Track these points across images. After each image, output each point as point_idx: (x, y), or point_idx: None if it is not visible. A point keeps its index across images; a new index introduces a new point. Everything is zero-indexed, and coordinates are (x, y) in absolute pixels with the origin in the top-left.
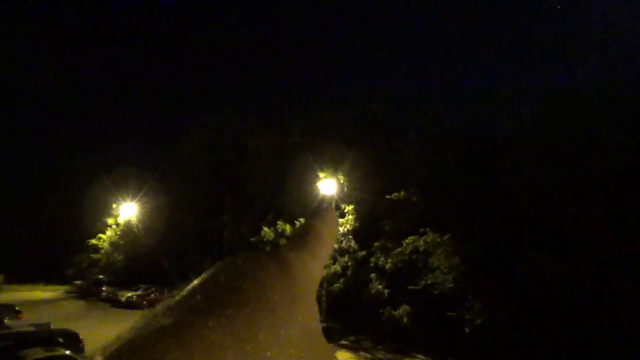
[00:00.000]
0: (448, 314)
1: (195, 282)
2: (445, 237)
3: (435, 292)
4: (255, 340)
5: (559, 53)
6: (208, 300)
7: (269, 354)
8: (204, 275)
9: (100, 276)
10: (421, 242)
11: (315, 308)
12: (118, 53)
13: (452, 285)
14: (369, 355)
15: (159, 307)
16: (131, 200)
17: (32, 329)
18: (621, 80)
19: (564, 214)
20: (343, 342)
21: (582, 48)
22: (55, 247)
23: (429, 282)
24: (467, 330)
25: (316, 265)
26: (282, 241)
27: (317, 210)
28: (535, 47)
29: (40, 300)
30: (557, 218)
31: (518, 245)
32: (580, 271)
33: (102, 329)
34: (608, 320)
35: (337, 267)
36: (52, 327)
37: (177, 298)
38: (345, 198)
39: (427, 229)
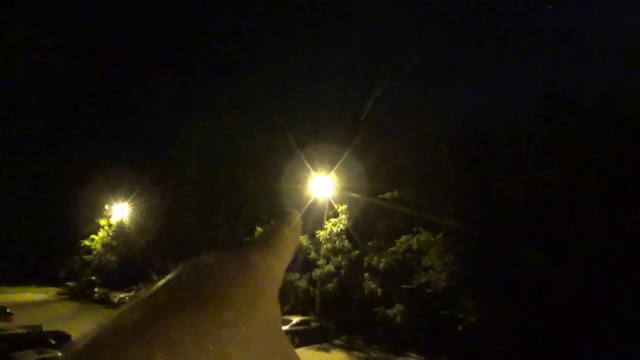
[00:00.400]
0: (441, 312)
1: (160, 282)
2: (438, 237)
3: (428, 291)
4: (216, 338)
5: (557, 53)
6: (170, 299)
7: (229, 350)
8: (168, 276)
9: (93, 277)
10: (414, 242)
11: (277, 307)
12: (110, 53)
13: (445, 284)
14: (362, 355)
15: (123, 307)
16: (124, 201)
17: (24, 331)
18: (618, 81)
19: (559, 215)
20: (337, 342)
21: (580, 48)
22: (47, 248)
23: (422, 281)
24: (460, 328)
25: (279, 266)
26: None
27: (282, 214)
28: (534, 47)
29: (31, 302)
30: (553, 219)
31: (512, 246)
32: (575, 272)
33: None
34: (602, 321)
35: (330, 267)
36: (44, 329)
37: (141, 298)
38: (338, 198)
39: (421, 228)
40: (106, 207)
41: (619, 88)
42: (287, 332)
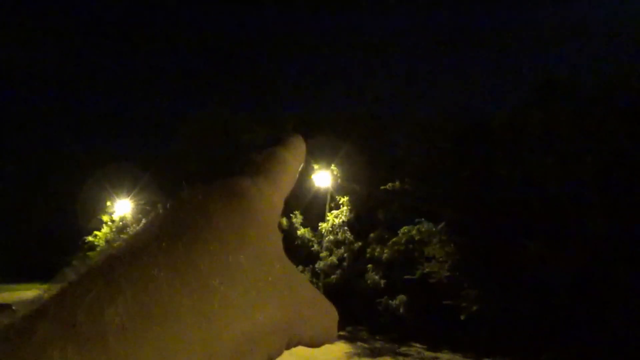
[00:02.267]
0: (444, 302)
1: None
2: (440, 226)
3: (431, 281)
4: (195, 270)
5: (554, 40)
6: (145, 237)
7: (214, 282)
8: (149, 216)
9: None
10: (415, 232)
11: (277, 236)
12: (110, 49)
13: (448, 274)
14: (366, 346)
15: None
16: (126, 197)
17: None
18: (614, 65)
19: (558, 202)
20: (340, 333)
21: (578, 34)
22: (50, 245)
23: (425, 271)
24: (462, 318)
25: (275, 193)
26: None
27: (282, 137)
28: (531, 34)
29: None
30: (552, 206)
31: (513, 233)
32: (575, 259)
33: None
34: (604, 308)
35: (333, 259)
36: None
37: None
38: (339, 190)
39: (422, 218)
40: (108, 203)
41: (619, 73)
42: None
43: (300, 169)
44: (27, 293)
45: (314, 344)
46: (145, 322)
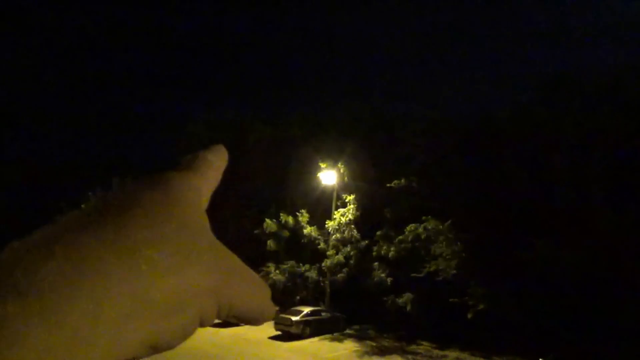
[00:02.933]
0: (451, 300)
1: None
2: (446, 224)
3: (438, 279)
4: (122, 237)
5: (560, 38)
6: (76, 215)
7: (140, 247)
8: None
9: None
10: (421, 230)
11: (202, 214)
12: (117, 51)
13: (454, 271)
14: (374, 344)
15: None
16: None
17: None
18: (621, 64)
19: (564, 201)
20: (348, 331)
21: (583, 32)
22: None
23: (431, 269)
24: (469, 316)
25: (199, 181)
26: (285, 233)
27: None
28: (537, 32)
29: None
30: (558, 204)
31: (519, 232)
32: (581, 257)
33: None
34: (610, 305)
35: (340, 257)
36: None
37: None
38: (346, 188)
39: (429, 216)
40: None
41: (626, 70)
42: (298, 322)
43: (222, 170)
44: None
45: (248, 315)
46: (77, 277)
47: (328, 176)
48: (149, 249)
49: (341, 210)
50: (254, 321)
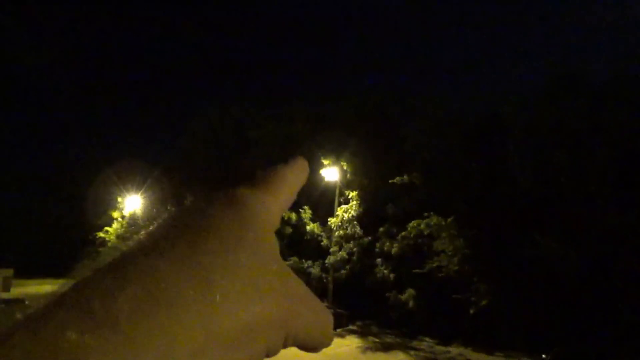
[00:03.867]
0: (453, 296)
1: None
2: (449, 221)
3: (440, 275)
4: (197, 264)
5: (564, 34)
6: (153, 235)
7: (213, 276)
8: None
9: None
10: (423, 226)
11: (273, 238)
12: (121, 47)
13: (457, 268)
14: (377, 340)
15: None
16: (136, 193)
17: None
18: (626, 60)
19: (568, 197)
20: (351, 327)
21: (588, 28)
22: (63, 240)
23: (434, 265)
24: (472, 312)
25: (273, 203)
26: (288, 229)
27: (290, 159)
28: (541, 28)
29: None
30: (562, 201)
31: (522, 228)
32: (585, 254)
33: None
34: (612, 302)
35: (343, 254)
36: None
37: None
38: (348, 184)
39: (431, 212)
40: (119, 199)
41: (631, 66)
42: None
43: (300, 187)
44: (42, 288)
45: (310, 345)
46: (153, 308)
47: (331, 172)
48: (223, 278)
49: (344, 206)
50: (314, 350)
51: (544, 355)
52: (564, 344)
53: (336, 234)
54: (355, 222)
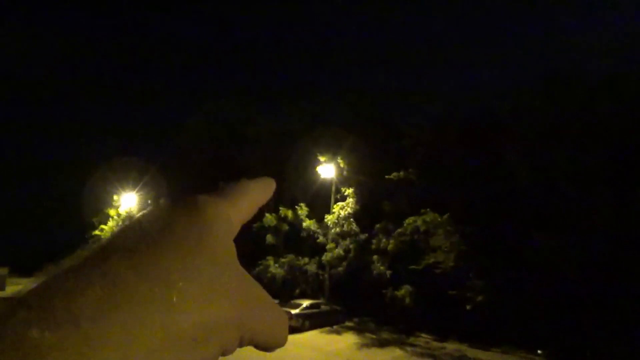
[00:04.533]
0: (449, 292)
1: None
2: (445, 217)
3: (437, 272)
4: (156, 268)
5: (559, 31)
6: (113, 240)
7: (173, 278)
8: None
9: None
10: (420, 222)
11: (230, 245)
12: (116, 43)
13: (453, 264)
14: (374, 336)
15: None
16: (132, 191)
17: None
18: (621, 58)
19: (565, 194)
20: (347, 324)
21: (583, 26)
22: (58, 238)
23: (430, 261)
24: (468, 308)
25: (233, 212)
26: (284, 226)
27: (256, 178)
28: (536, 26)
29: None
30: (559, 198)
31: (519, 225)
32: (581, 250)
33: None
34: (610, 298)
35: (339, 251)
36: None
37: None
38: (345, 181)
39: (428, 209)
40: (115, 197)
41: (625, 64)
42: (298, 315)
43: (262, 203)
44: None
45: (265, 344)
46: (113, 308)
47: (327, 169)
48: (181, 280)
49: (340, 203)
50: (270, 349)
51: (539, 351)
52: (559, 340)
53: (333, 231)
54: (351, 219)
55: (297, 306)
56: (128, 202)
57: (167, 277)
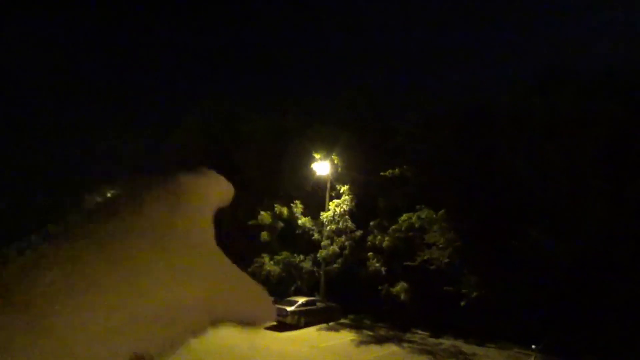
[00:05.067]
0: (445, 288)
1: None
2: (440, 213)
3: (431, 268)
4: (122, 248)
5: (554, 27)
6: (82, 221)
7: (142, 264)
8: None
9: None
10: (415, 219)
11: (206, 225)
12: (108, 42)
13: (448, 260)
14: (370, 333)
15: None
16: None
17: None
18: (614, 52)
19: (559, 190)
20: (343, 321)
21: (577, 20)
22: None
23: (425, 258)
24: (463, 304)
25: (211, 190)
26: (279, 224)
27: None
28: (531, 21)
29: None
30: (552, 193)
31: (513, 220)
32: (575, 245)
33: None
34: (602, 293)
35: (335, 248)
36: None
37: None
38: (340, 178)
39: (423, 205)
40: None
41: (620, 60)
42: (293, 312)
43: (226, 191)
44: None
45: (249, 321)
46: (69, 291)
47: (322, 167)
48: (149, 262)
49: (336, 201)
50: (252, 324)
51: (533, 346)
52: (553, 335)
53: (328, 228)
54: (347, 217)
55: (292, 303)
56: None
57: (132, 257)
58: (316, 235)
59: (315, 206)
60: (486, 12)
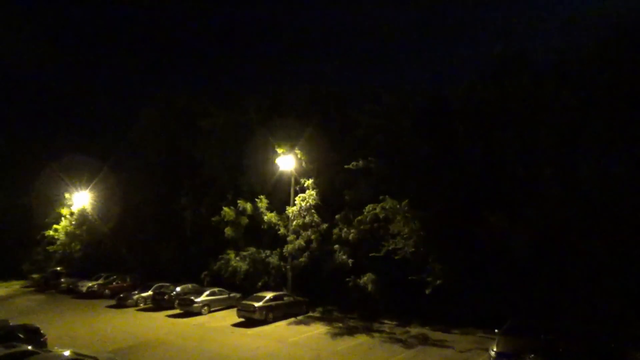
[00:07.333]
0: (410, 277)
1: None
2: (403, 203)
3: (397, 258)
4: None
5: (510, 15)
6: None
7: None
8: None
9: (58, 268)
10: (379, 210)
11: None
12: (65, 35)
13: (412, 249)
14: (340, 325)
15: None
16: (84, 189)
17: None
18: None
19: (515, 176)
20: (312, 314)
21: (533, 10)
22: (7, 241)
23: (390, 248)
24: (427, 292)
25: None
26: (244, 220)
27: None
28: (489, 10)
29: None
30: (510, 180)
31: (473, 208)
32: (532, 230)
33: (64, 321)
34: (562, 276)
35: (301, 242)
36: (11, 324)
37: None
38: (304, 172)
39: (386, 196)
40: (67, 195)
41: (571, 47)
42: (261, 308)
43: None
44: None
45: None
46: None
47: (285, 161)
48: None
49: (302, 195)
50: None
51: (496, 330)
52: (516, 317)
53: (294, 222)
54: (313, 210)
55: (260, 299)
56: (81, 200)
57: None
58: (282, 230)
59: (280, 201)
60: (446, 5)
